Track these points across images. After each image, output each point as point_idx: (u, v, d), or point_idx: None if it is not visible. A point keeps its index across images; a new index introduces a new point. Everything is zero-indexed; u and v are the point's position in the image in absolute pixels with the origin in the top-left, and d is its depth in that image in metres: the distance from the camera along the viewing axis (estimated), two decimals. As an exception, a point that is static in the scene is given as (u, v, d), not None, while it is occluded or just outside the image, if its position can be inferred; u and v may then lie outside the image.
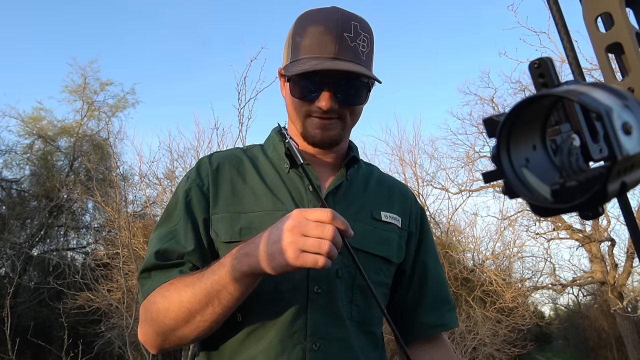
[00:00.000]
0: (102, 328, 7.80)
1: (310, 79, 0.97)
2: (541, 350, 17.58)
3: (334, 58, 0.95)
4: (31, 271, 11.68)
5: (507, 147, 0.34)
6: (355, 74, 0.96)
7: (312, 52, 0.96)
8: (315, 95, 0.97)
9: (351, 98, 0.99)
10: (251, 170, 1.06)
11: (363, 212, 1.04)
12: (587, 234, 12.45)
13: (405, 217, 1.11)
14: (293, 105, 1.02)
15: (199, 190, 1.02)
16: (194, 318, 0.87)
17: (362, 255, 0.99)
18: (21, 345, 5.83)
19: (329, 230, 0.77)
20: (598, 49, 0.41)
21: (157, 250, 0.95)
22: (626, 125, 0.29)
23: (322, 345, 0.92)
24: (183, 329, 0.88)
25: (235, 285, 0.83)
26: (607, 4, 0.40)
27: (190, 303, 0.86)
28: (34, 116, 12.99)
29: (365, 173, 1.14)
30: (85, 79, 13.06)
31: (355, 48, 0.97)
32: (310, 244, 0.77)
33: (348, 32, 0.96)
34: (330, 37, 0.96)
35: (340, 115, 1.00)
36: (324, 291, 0.95)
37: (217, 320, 0.88)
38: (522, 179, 0.34)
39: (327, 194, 1.02)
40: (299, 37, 0.99)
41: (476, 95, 12.84)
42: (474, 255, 11.32)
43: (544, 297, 16.76)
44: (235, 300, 0.85)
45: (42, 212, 12.08)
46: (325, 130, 1.00)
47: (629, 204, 0.41)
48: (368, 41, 1.00)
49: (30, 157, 13.00)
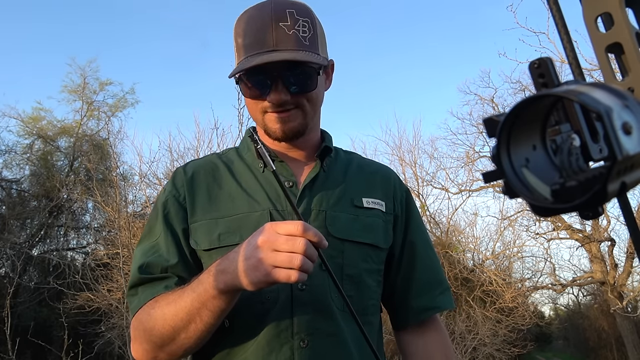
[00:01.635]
0: (102, 328, 7.80)
1: (255, 76, 0.96)
2: (541, 350, 17.58)
3: (273, 50, 0.93)
4: (31, 271, 11.68)
5: (507, 147, 0.34)
6: (296, 61, 0.94)
7: (253, 49, 0.95)
8: (264, 91, 0.96)
9: (302, 85, 0.97)
10: (227, 175, 1.05)
11: (343, 201, 1.03)
12: (587, 234, 12.45)
13: (389, 201, 1.09)
14: (249, 106, 1.01)
15: (176, 201, 1.03)
16: (179, 335, 0.88)
17: (348, 244, 0.98)
18: (21, 345, 5.83)
19: (300, 244, 0.77)
20: (598, 49, 0.41)
21: (141, 265, 0.97)
22: (626, 125, 0.29)
23: (310, 341, 0.92)
24: (170, 346, 0.90)
25: (214, 302, 0.84)
26: (607, 4, 0.40)
27: (173, 321, 0.87)
28: (33, 116, 13.00)
29: (344, 161, 1.12)
30: (84, 79, 13.06)
31: (294, 35, 0.95)
32: (281, 260, 0.77)
33: (284, 21, 0.95)
34: (266, 30, 0.94)
35: (297, 104, 0.98)
36: (309, 287, 0.94)
37: (202, 336, 0.89)
38: (522, 179, 0.34)
39: (303, 187, 1.01)
40: (239, 38, 0.98)
41: (476, 95, 12.86)
42: (474, 255, 11.33)
43: (544, 297, 16.78)
44: (216, 316, 0.86)
45: (42, 212, 12.08)
46: (285, 123, 0.98)
47: (629, 204, 0.41)
48: (309, 24, 0.97)
49: (30, 157, 13.01)
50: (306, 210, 1.00)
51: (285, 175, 1.03)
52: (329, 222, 0.99)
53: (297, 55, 0.94)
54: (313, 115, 1.03)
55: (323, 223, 0.99)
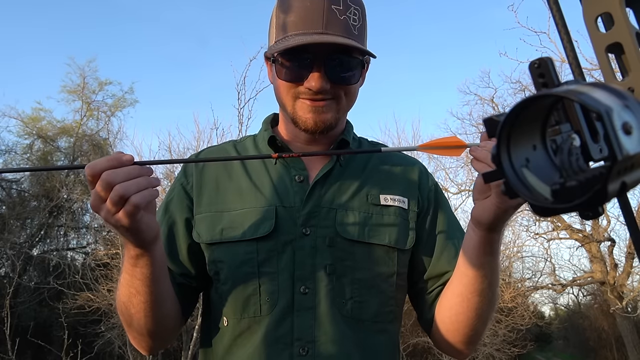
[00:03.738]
0: (102, 328, 7.79)
1: (297, 58, 0.88)
2: (541, 350, 17.57)
3: (322, 32, 0.86)
4: (31, 271, 11.67)
5: (507, 147, 0.34)
6: (347, 48, 0.88)
7: (298, 28, 0.88)
8: (304, 75, 0.88)
9: (345, 76, 0.90)
10: (238, 166, 0.99)
11: (357, 198, 0.95)
12: (587, 234, 12.45)
13: (412, 197, 0.99)
14: (280, 89, 0.93)
15: (182, 190, 0.99)
16: (130, 311, 0.87)
17: (359, 246, 0.91)
18: (21, 345, 5.83)
19: (101, 183, 0.70)
20: (598, 49, 0.41)
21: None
22: (626, 125, 0.29)
23: (311, 349, 0.86)
24: (133, 325, 0.89)
25: (135, 269, 0.82)
26: (607, 4, 0.40)
27: (122, 299, 0.87)
28: (33, 116, 12.99)
29: (365, 155, 1.03)
30: (84, 79, 13.05)
31: (345, 21, 0.88)
32: (107, 208, 0.71)
33: (336, 5, 0.88)
34: (317, 11, 0.87)
35: (334, 96, 0.91)
36: (312, 291, 0.88)
37: (149, 309, 0.86)
38: (522, 179, 0.34)
39: (314, 183, 0.94)
40: (283, 14, 0.90)
41: (476, 95, 12.84)
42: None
43: (544, 297, 16.76)
44: (145, 283, 0.83)
45: (42, 212, 12.07)
46: (318, 114, 0.90)
47: (629, 204, 0.41)
48: (360, 14, 0.91)
49: (30, 157, 13.00)
50: (314, 208, 0.92)
51: (297, 169, 0.96)
52: (338, 221, 0.92)
53: (351, 42, 0.87)
54: (347, 110, 0.96)
55: (332, 222, 0.92)
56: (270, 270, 0.89)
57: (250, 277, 0.90)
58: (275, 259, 0.90)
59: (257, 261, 0.89)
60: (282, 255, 0.90)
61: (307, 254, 0.90)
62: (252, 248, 0.90)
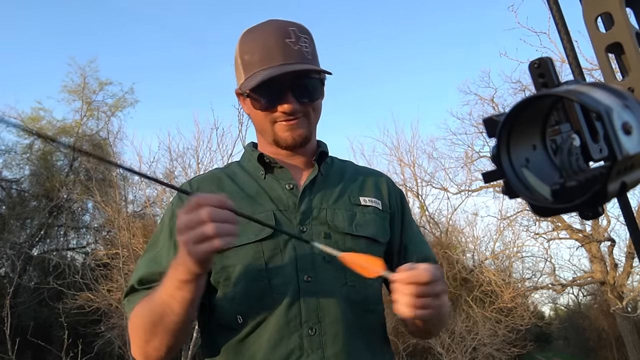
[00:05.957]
0: (102, 328, 7.80)
1: (267, 89, 1.04)
2: (541, 350, 17.57)
3: (283, 64, 1.02)
4: (31, 271, 11.68)
5: (507, 147, 0.34)
6: (307, 72, 1.04)
7: (263, 65, 1.03)
8: (275, 102, 1.04)
9: (310, 94, 1.06)
10: (230, 184, 1.11)
11: (342, 199, 1.11)
12: (587, 234, 12.45)
13: (384, 200, 1.17)
14: (259, 119, 1.08)
15: None
16: (157, 328, 0.94)
17: (349, 237, 1.05)
18: (21, 345, 5.83)
19: (203, 213, 0.79)
20: (598, 49, 0.41)
21: (140, 279, 1.04)
22: (626, 125, 0.29)
23: (318, 329, 0.98)
24: (153, 341, 0.96)
25: (179, 292, 0.89)
26: (607, 4, 0.40)
27: (151, 316, 0.95)
28: (33, 116, 12.99)
29: (340, 167, 1.20)
30: (84, 79, 13.05)
31: (299, 50, 1.04)
32: (196, 235, 0.79)
33: (289, 38, 1.04)
34: (274, 47, 1.03)
35: (305, 113, 1.07)
36: (314, 278, 1.00)
37: (177, 329, 0.94)
38: (522, 178, 0.34)
39: (303, 188, 1.08)
40: (246, 55, 1.06)
41: (476, 95, 12.83)
42: (473, 256, 11.33)
43: (544, 297, 16.75)
44: (184, 306, 0.91)
45: (42, 212, 12.08)
46: (294, 130, 1.06)
47: (629, 204, 0.41)
48: (309, 41, 1.08)
49: (30, 157, 13.00)
50: (308, 208, 1.06)
51: (285, 179, 1.10)
52: (329, 218, 1.06)
53: (308, 66, 1.04)
54: (316, 123, 1.12)
55: (325, 219, 1.05)
56: (276, 266, 1.01)
57: (260, 274, 1.01)
58: (279, 255, 1.02)
59: (264, 259, 1.01)
60: (285, 251, 1.02)
61: (306, 248, 1.02)
62: (259, 249, 1.01)
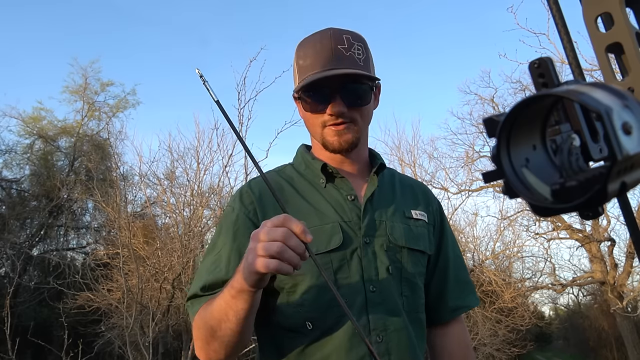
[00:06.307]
0: (102, 328, 7.80)
1: (316, 92, 1.07)
2: (541, 350, 17.58)
3: (333, 68, 1.05)
4: (31, 271, 11.68)
5: (507, 147, 0.34)
6: (355, 76, 1.06)
7: (314, 69, 1.06)
8: (324, 105, 1.07)
9: (357, 99, 1.08)
10: (291, 192, 1.14)
11: (397, 212, 1.15)
12: (587, 234, 12.45)
13: (429, 212, 1.21)
14: (309, 122, 1.12)
15: (246, 218, 1.10)
16: (216, 333, 0.97)
17: (405, 250, 1.11)
18: (21, 345, 5.82)
19: (278, 233, 0.81)
20: (598, 49, 0.41)
21: (203, 286, 1.06)
22: (626, 125, 0.29)
23: (385, 336, 1.04)
24: (212, 344, 0.99)
25: (235, 301, 0.91)
26: (607, 4, 0.40)
27: (211, 321, 0.98)
28: (34, 116, 13.00)
29: (389, 177, 1.23)
30: (86, 79, 13.07)
31: (351, 57, 1.07)
32: (262, 248, 0.81)
33: (342, 45, 1.07)
34: (326, 52, 1.06)
35: (352, 119, 1.09)
36: (379, 289, 1.05)
37: (235, 334, 0.96)
38: (522, 179, 0.34)
39: (365, 201, 1.11)
40: (301, 60, 1.10)
41: (476, 95, 12.84)
42: (473, 255, 11.32)
43: (544, 297, 16.75)
44: (240, 315, 0.92)
45: (42, 212, 12.08)
46: (341, 135, 1.09)
47: (629, 204, 0.41)
48: (363, 49, 1.10)
49: (30, 157, 13.01)
50: (370, 221, 1.10)
51: (346, 190, 1.13)
52: (389, 231, 1.10)
53: (353, 71, 1.05)
54: (364, 129, 1.14)
55: (384, 232, 1.10)
56: (344, 276, 1.05)
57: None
58: (346, 266, 1.06)
59: (332, 269, 1.05)
60: (351, 262, 1.06)
61: (371, 259, 1.07)
62: (327, 259, 1.05)
